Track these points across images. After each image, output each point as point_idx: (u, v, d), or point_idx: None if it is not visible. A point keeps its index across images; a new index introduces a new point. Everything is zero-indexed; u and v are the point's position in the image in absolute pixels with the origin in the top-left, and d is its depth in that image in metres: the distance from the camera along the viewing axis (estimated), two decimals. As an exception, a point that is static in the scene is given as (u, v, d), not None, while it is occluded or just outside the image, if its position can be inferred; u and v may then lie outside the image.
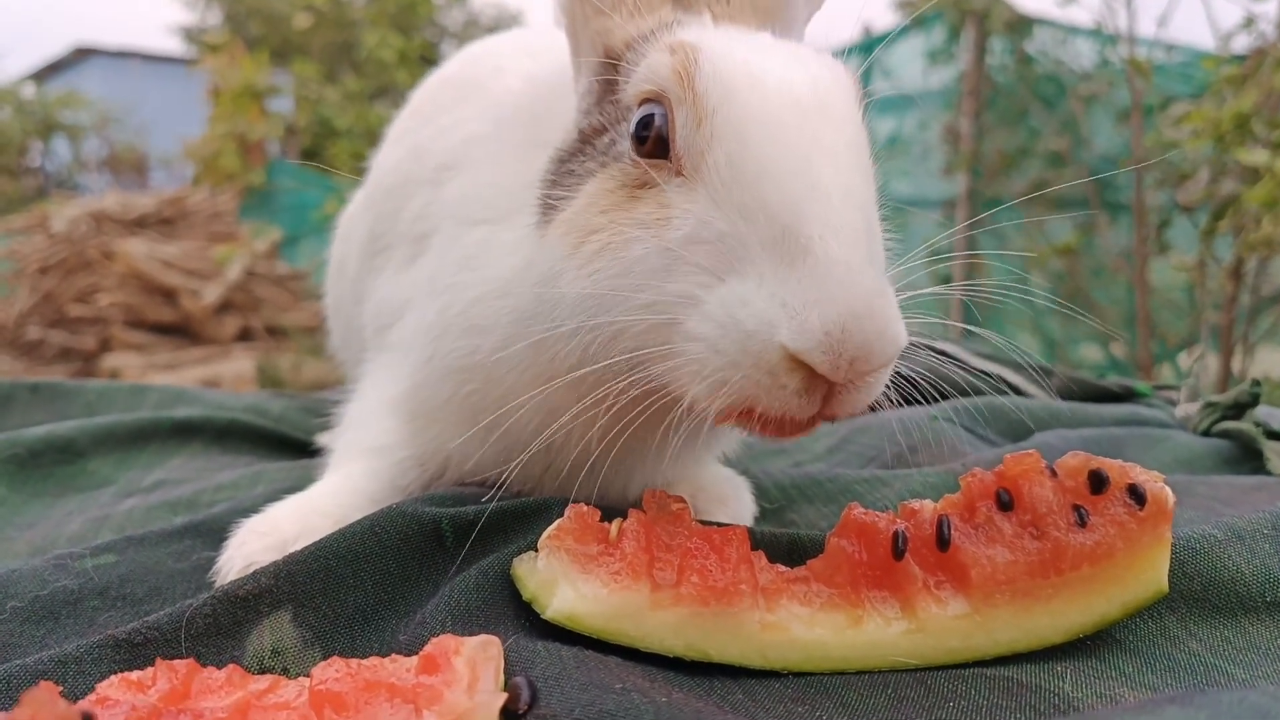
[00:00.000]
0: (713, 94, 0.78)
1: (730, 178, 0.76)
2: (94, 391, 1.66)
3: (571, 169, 0.90)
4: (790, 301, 0.71)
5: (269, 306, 9.21)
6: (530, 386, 0.89)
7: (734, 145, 0.76)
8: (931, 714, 0.70)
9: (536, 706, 0.66)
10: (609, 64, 0.90)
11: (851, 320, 0.70)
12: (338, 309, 1.53)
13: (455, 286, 1.00)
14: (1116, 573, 0.78)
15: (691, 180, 0.79)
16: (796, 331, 0.71)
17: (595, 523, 0.81)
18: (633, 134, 0.83)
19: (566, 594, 0.76)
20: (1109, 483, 0.81)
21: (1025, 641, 0.78)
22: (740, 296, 0.74)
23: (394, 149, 1.30)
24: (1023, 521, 0.81)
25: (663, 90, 0.81)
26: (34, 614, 0.90)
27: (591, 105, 0.93)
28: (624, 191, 0.83)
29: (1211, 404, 1.39)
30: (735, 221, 0.75)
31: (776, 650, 0.76)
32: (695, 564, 0.77)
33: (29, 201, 15.24)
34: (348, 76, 13.86)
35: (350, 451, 1.10)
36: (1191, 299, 4.90)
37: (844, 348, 0.70)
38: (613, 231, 0.82)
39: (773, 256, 0.73)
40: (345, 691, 0.67)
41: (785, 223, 0.73)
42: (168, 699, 0.68)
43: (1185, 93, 4.87)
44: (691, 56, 0.79)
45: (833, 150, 0.76)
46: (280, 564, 0.86)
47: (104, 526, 1.16)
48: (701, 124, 0.78)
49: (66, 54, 28.56)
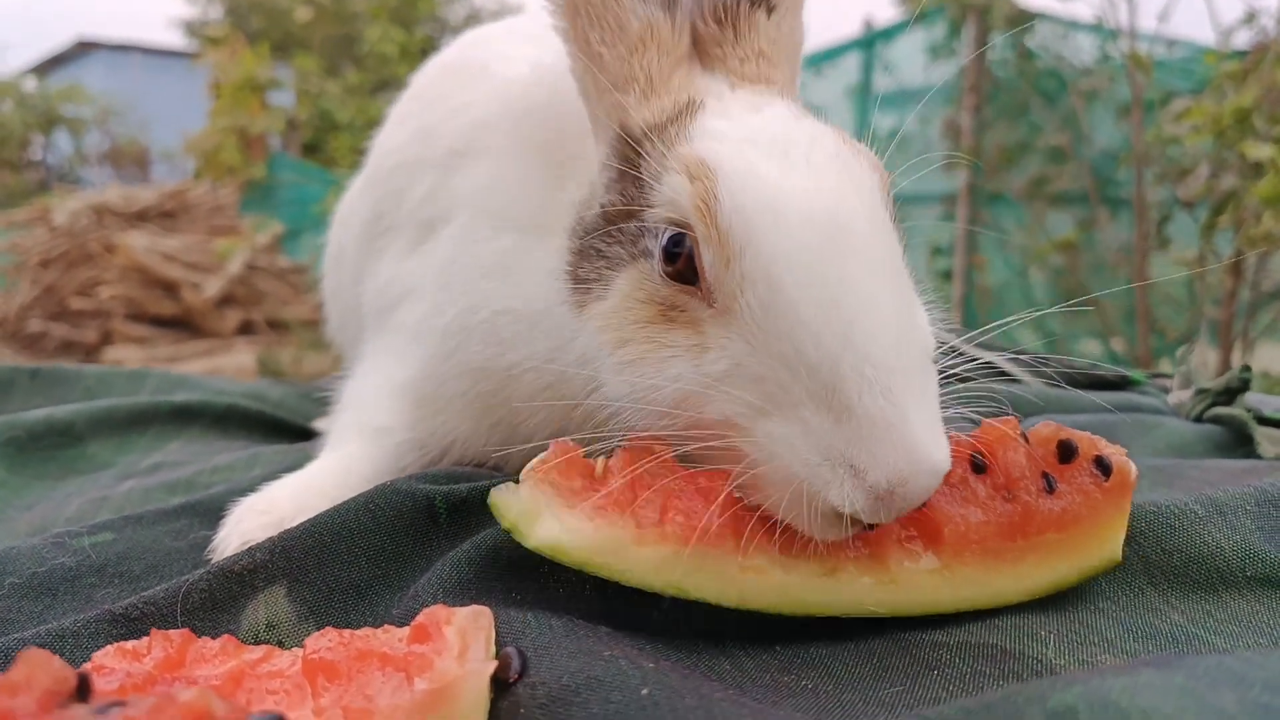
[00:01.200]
0: (736, 233, 0.76)
1: (766, 325, 0.75)
2: (93, 376, 1.67)
3: (598, 248, 0.89)
4: (838, 462, 0.72)
5: (270, 300, 9.22)
6: (545, 403, 0.93)
7: (765, 293, 0.75)
8: (916, 681, 0.71)
9: (527, 675, 0.67)
10: (628, 146, 0.88)
11: (898, 481, 0.71)
12: (336, 293, 1.54)
13: (480, 293, 1.01)
14: (1078, 539, 0.81)
15: (725, 315, 0.78)
16: (845, 495, 0.72)
17: (579, 458, 0.81)
18: (663, 249, 0.82)
19: (551, 525, 0.76)
20: (1077, 453, 0.83)
21: (987, 599, 0.80)
22: (787, 439, 0.75)
23: (397, 131, 1.30)
24: (996, 484, 0.82)
25: (687, 221, 0.80)
26: (32, 590, 0.91)
27: (612, 181, 0.90)
28: (656, 308, 0.83)
29: (1203, 390, 1.40)
30: (775, 368, 0.75)
31: (754, 592, 0.77)
32: (679, 504, 0.78)
33: (31, 195, 15.26)
34: (349, 70, 13.88)
35: (349, 432, 1.11)
36: (1191, 294, 4.91)
37: (892, 502, 0.72)
38: (649, 348, 0.82)
39: (817, 406, 0.74)
40: (338, 660, 0.67)
41: (824, 379, 0.73)
42: (163, 667, 0.69)
43: (1186, 88, 4.88)
44: (710, 188, 0.78)
45: (863, 287, 0.75)
46: (276, 540, 0.87)
47: (103, 507, 1.17)
48: (730, 264, 0.77)
49: (68, 48, 28.59)
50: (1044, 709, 0.48)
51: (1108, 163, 5.42)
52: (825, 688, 0.72)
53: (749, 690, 0.70)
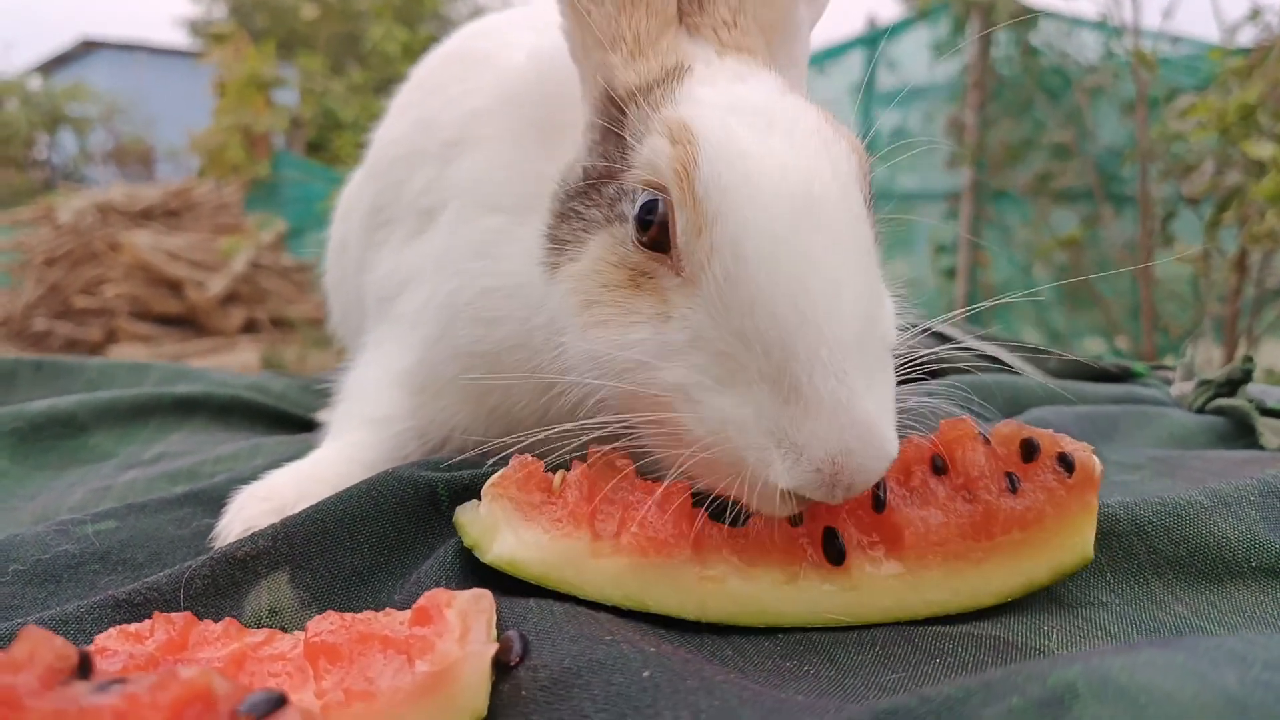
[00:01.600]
0: (711, 201, 0.76)
1: (729, 299, 0.75)
2: (95, 369, 1.68)
3: (577, 210, 0.90)
4: (784, 440, 0.72)
5: (274, 298, 9.23)
6: (530, 385, 0.92)
7: (731, 265, 0.75)
8: (917, 670, 0.71)
9: (528, 658, 0.67)
10: (613, 107, 0.88)
11: (843, 456, 0.71)
12: (338, 286, 1.54)
13: (468, 273, 1.01)
14: (1045, 538, 0.79)
15: (691, 285, 0.78)
16: (790, 473, 0.72)
17: (539, 473, 0.82)
18: (636, 217, 0.82)
19: (508, 539, 0.77)
20: (1039, 451, 0.82)
21: (956, 602, 0.79)
22: (738, 421, 0.74)
23: (397, 122, 1.30)
24: (956, 485, 0.81)
25: (664, 184, 0.80)
26: (35, 576, 0.91)
27: (595, 143, 0.91)
28: (625, 273, 0.83)
29: (1206, 381, 1.40)
30: (733, 344, 0.75)
31: (714, 601, 0.77)
32: (636, 516, 0.78)
33: (35, 193, 15.29)
34: (353, 69, 13.89)
35: (351, 421, 1.12)
36: (1196, 291, 4.90)
37: (837, 480, 0.71)
38: (615, 310, 0.82)
39: (768, 387, 0.73)
40: (339, 643, 0.68)
41: (778, 359, 0.73)
42: (165, 649, 0.69)
43: (1190, 85, 4.86)
44: (691, 153, 0.78)
45: (827, 268, 0.75)
46: (278, 526, 0.87)
47: (106, 497, 1.17)
48: (701, 234, 0.77)
49: (73, 47, 28.64)
50: (1044, 685, 0.48)
51: (1112, 159, 5.41)
52: (827, 673, 0.71)
53: (751, 674, 0.70)
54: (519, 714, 0.62)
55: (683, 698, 0.59)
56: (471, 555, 0.83)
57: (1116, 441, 1.29)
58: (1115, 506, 0.86)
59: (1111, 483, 1.12)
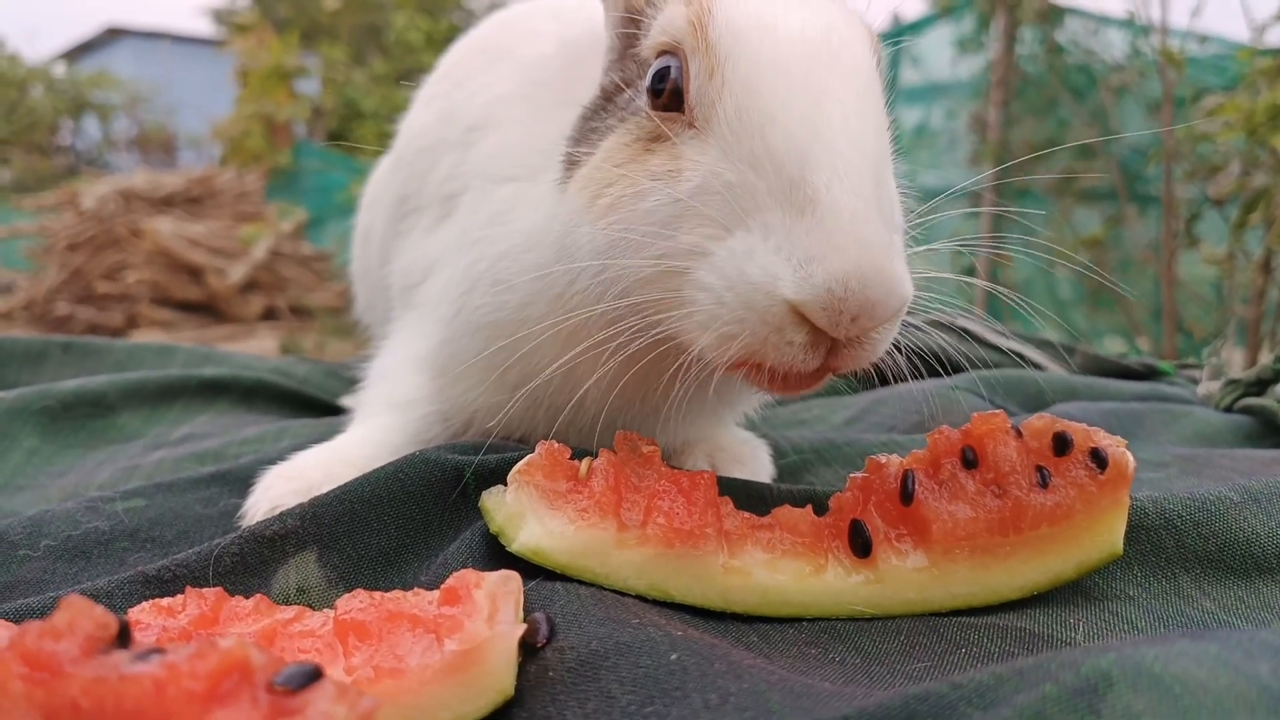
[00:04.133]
0: (725, 41, 0.77)
1: (740, 127, 0.75)
2: (123, 350, 1.69)
3: (594, 126, 0.91)
4: (795, 254, 0.71)
5: (294, 286, 9.28)
6: (553, 344, 0.90)
7: (743, 93, 0.75)
8: (943, 659, 0.71)
9: (554, 640, 0.67)
10: (630, 19, 0.90)
11: (855, 278, 0.69)
12: (363, 274, 1.55)
13: (483, 241, 1.01)
14: (1074, 533, 0.79)
15: (703, 132, 0.78)
16: (799, 286, 0.70)
17: (565, 460, 0.82)
18: (648, 87, 0.83)
19: (534, 528, 0.78)
20: (1072, 445, 0.81)
21: (981, 596, 0.79)
22: (747, 249, 0.73)
23: (423, 112, 1.31)
24: (985, 479, 0.81)
25: (677, 42, 0.80)
26: (66, 552, 0.93)
27: (613, 62, 0.93)
28: (639, 145, 0.83)
29: (1234, 381, 1.39)
30: (744, 171, 0.74)
31: (738, 594, 0.77)
32: (662, 505, 0.78)
33: (59, 179, 15.42)
34: (375, 59, 13.92)
35: (376, 405, 1.12)
36: (1219, 293, 4.85)
37: (846, 305, 0.70)
38: (626, 184, 0.82)
39: (780, 206, 0.72)
40: (369, 621, 0.68)
41: (791, 172, 0.72)
42: (197, 624, 0.70)
43: (1218, 85, 4.80)
44: (706, 6, 0.79)
45: (842, 98, 0.75)
46: (306, 506, 0.88)
47: (133, 476, 1.18)
48: (714, 73, 0.77)
49: (98, 34, 28.83)
50: (1077, 673, 0.48)
51: (1137, 159, 5.35)
52: (852, 660, 0.72)
53: (776, 660, 0.70)
54: (546, 694, 0.63)
55: (711, 681, 0.59)
56: (496, 538, 0.83)
57: (1142, 439, 1.28)
58: (1144, 501, 0.86)
59: (1137, 480, 1.11)
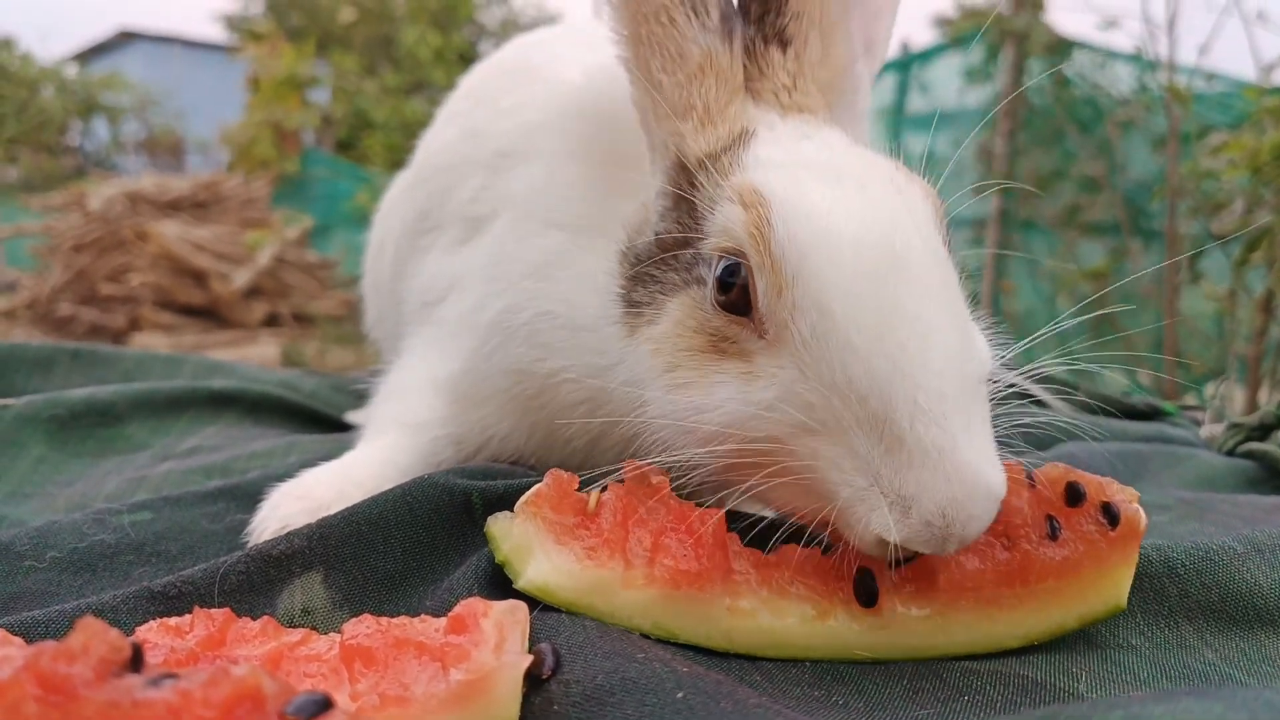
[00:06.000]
0: (789, 260, 0.76)
1: (817, 352, 0.75)
2: (132, 359, 1.70)
3: (652, 274, 0.90)
4: (888, 491, 0.72)
5: (297, 293, 9.30)
6: (580, 408, 0.95)
7: (817, 320, 0.75)
8: (947, 706, 0.71)
9: (560, 672, 0.68)
10: (684, 175, 0.89)
11: (952, 508, 0.70)
12: (375, 288, 1.56)
13: (524, 291, 1.01)
14: (1080, 587, 0.79)
15: (776, 346, 0.78)
16: (898, 524, 0.71)
17: (573, 492, 0.82)
18: (717, 278, 0.82)
19: (541, 565, 0.78)
20: (1085, 498, 0.81)
21: (983, 644, 0.79)
22: (834, 461, 0.74)
23: (445, 129, 1.32)
24: (995, 531, 0.80)
25: (740, 249, 0.80)
26: (72, 564, 0.93)
27: (667, 209, 0.91)
28: (707, 338, 0.83)
29: (1237, 424, 1.39)
30: (825, 396, 0.75)
31: (742, 635, 0.77)
32: (669, 545, 0.78)
33: (67, 180, 15.46)
34: (386, 70, 13.99)
35: (388, 424, 1.13)
36: (1221, 329, 4.86)
37: (950, 532, 0.71)
38: (699, 374, 0.82)
39: (866, 436, 0.73)
40: (375, 647, 0.68)
41: (875, 408, 0.72)
42: (204, 645, 0.70)
43: (1224, 122, 4.83)
44: (764, 215, 0.78)
45: (916, 313, 0.75)
46: (314, 527, 0.88)
47: (140, 487, 1.19)
48: (782, 293, 0.77)
49: (110, 37, 29.01)
50: (1086, 730, 0.48)
51: (1141, 194, 5.38)
52: (856, 704, 0.72)
53: (781, 701, 0.70)
54: (551, 727, 0.63)
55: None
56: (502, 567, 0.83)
57: (1145, 480, 1.29)
58: (1148, 549, 0.86)
59: (1140, 523, 1.12)
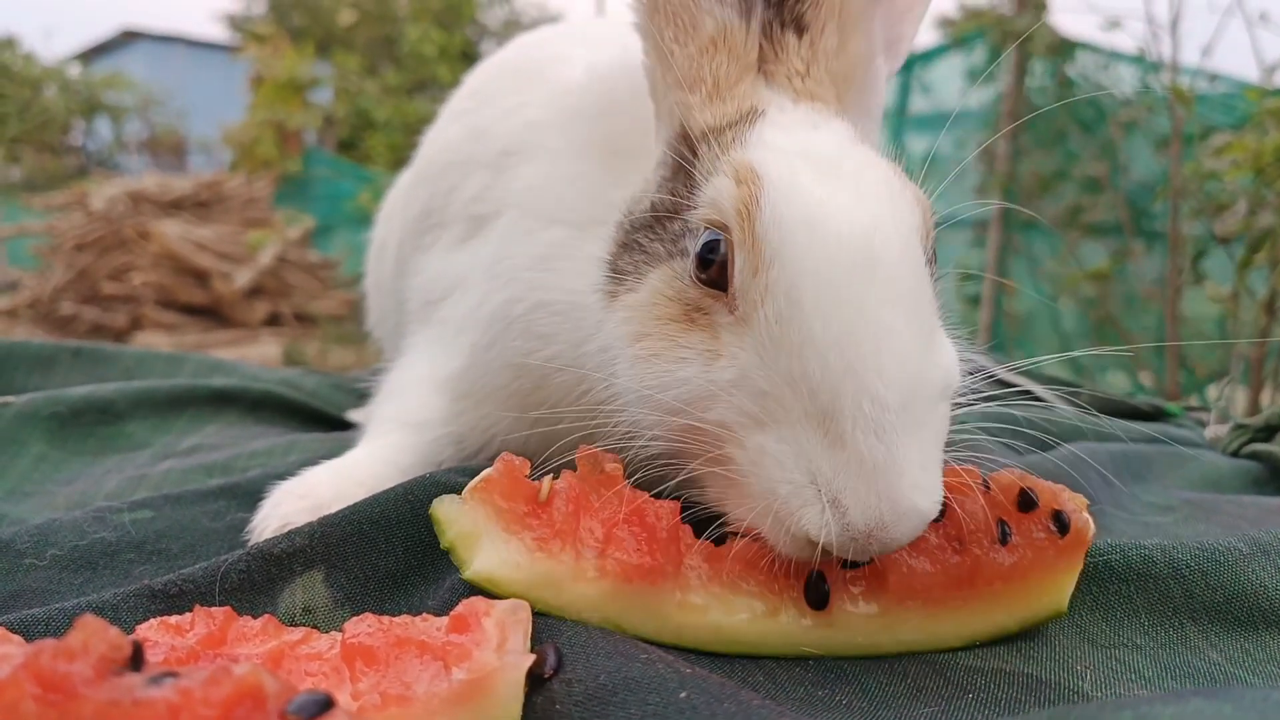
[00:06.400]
0: (770, 243, 0.77)
1: (779, 338, 0.75)
2: (133, 357, 1.70)
3: (639, 242, 0.90)
4: (824, 489, 0.72)
5: (299, 293, 9.31)
6: (579, 403, 0.94)
7: (784, 306, 0.76)
8: (950, 703, 0.71)
9: (562, 671, 0.67)
10: (685, 146, 0.89)
11: (877, 526, 0.71)
12: (376, 287, 1.56)
13: (524, 283, 1.01)
14: (1025, 592, 0.80)
15: (743, 325, 0.79)
16: (824, 524, 0.72)
17: (524, 479, 0.80)
18: (697, 254, 0.82)
19: (489, 556, 0.76)
20: (1037, 505, 0.82)
21: (926, 643, 0.80)
22: (777, 458, 0.75)
23: (450, 127, 1.31)
24: (948, 535, 0.81)
25: (725, 224, 0.80)
26: (72, 563, 0.93)
27: (665, 179, 0.92)
28: (680, 307, 0.83)
29: (1242, 426, 1.39)
30: (779, 385, 0.75)
31: (691, 631, 0.77)
32: (620, 537, 0.78)
33: (69, 179, 15.48)
34: (388, 70, 14.00)
35: (389, 423, 1.12)
36: (1223, 331, 4.85)
37: (869, 544, 0.72)
38: (665, 345, 0.83)
39: (811, 431, 0.74)
40: (376, 646, 0.68)
41: (823, 403, 0.73)
42: (205, 643, 0.70)
43: (1226, 123, 4.82)
44: (754, 194, 0.78)
45: (878, 318, 0.75)
46: (315, 525, 0.88)
47: (141, 485, 1.18)
48: (758, 274, 0.77)
49: (113, 36, 29.03)
50: (1094, 731, 0.48)
51: (1144, 195, 5.37)
52: (859, 704, 0.71)
53: (784, 701, 0.70)
54: (552, 727, 0.63)
55: (720, 720, 0.59)
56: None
57: (1149, 481, 1.28)
58: (1152, 549, 0.86)
59: (1144, 524, 1.12)
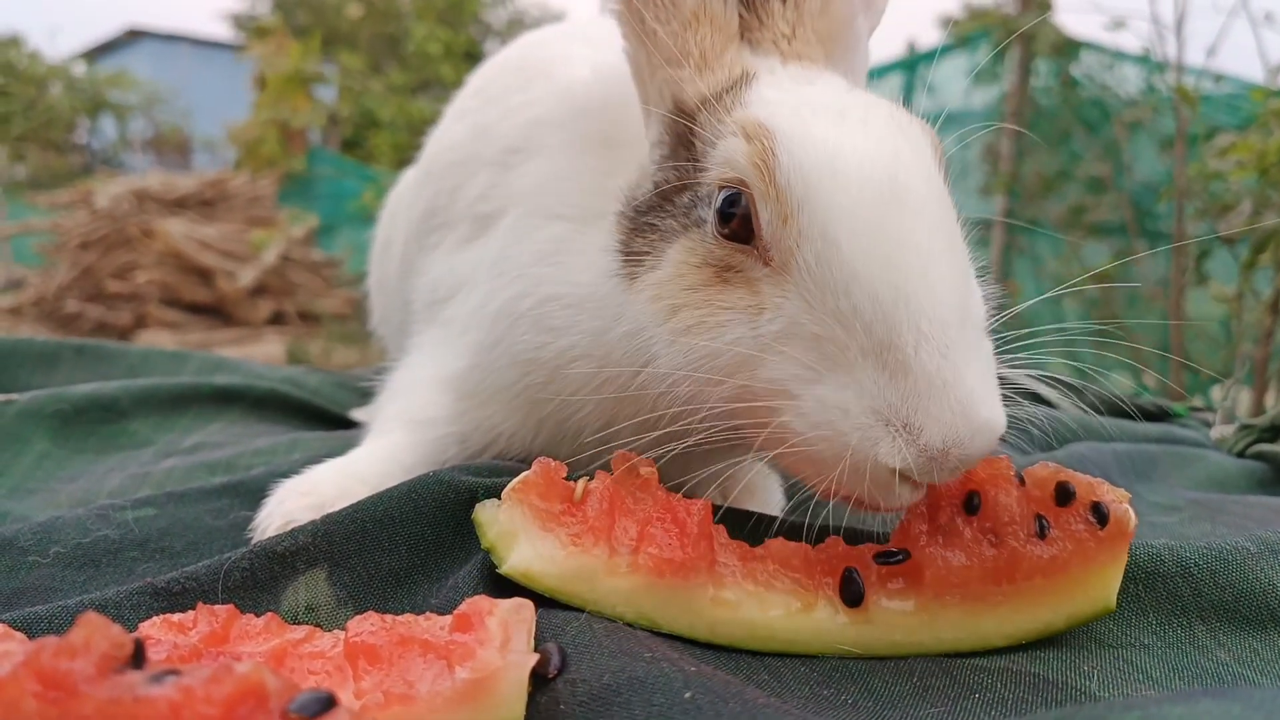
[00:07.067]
0: (795, 189, 0.77)
1: (822, 280, 0.76)
2: (136, 355, 1.70)
3: (651, 223, 0.90)
4: (893, 420, 0.72)
5: (302, 292, 9.30)
6: (593, 391, 0.94)
7: (822, 248, 0.76)
8: (956, 704, 0.71)
9: (566, 671, 0.67)
10: (682, 118, 0.89)
11: (953, 442, 0.71)
12: (381, 286, 1.56)
13: (530, 279, 1.01)
14: (1068, 586, 0.79)
15: (781, 274, 0.79)
16: (900, 452, 0.72)
17: (560, 480, 0.81)
18: (717, 210, 0.83)
19: (525, 551, 0.78)
20: (1074, 497, 0.81)
21: (969, 641, 0.79)
22: (840, 404, 0.75)
23: (454, 126, 1.31)
24: (983, 528, 0.80)
25: (743, 180, 0.80)
26: (76, 560, 0.92)
27: (665, 158, 0.92)
28: (710, 270, 0.83)
29: (1248, 426, 1.38)
30: (831, 326, 0.75)
31: (725, 627, 0.77)
32: (654, 534, 0.78)
33: (74, 177, 15.50)
34: (392, 69, 14.00)
35: (393, 422, 1.12)
36: (1227, 331, 4.83)
37: (948, 461, 0.72)
38: (705, 311, 0.82)
39: (871, 366, 0.74)
40: (379, 645, 0.68)
41: (880, 335, 0.73)
42: (208, 641, 0.69)
43: (1231, 124, 4.81)
44: (768, 146, 0.79)
45: (917, 243, 0.76)
46: (318, 523, 0.88)
47: (144, 483, 1.18)
48: (787, 221, 0.77)
49: (118, 35, 29.09)
50: (1102, 732, 0.48)
51: (1148, 195, 5.36)
52: (865, 704, 0.71)
53: (789, 700, 0.69)
54: (556, 727, 0.62)
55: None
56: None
57: (1155, 481, 1.28)
58: (1160, 548, 0.85)
59: (1151, 524, 1.11)
